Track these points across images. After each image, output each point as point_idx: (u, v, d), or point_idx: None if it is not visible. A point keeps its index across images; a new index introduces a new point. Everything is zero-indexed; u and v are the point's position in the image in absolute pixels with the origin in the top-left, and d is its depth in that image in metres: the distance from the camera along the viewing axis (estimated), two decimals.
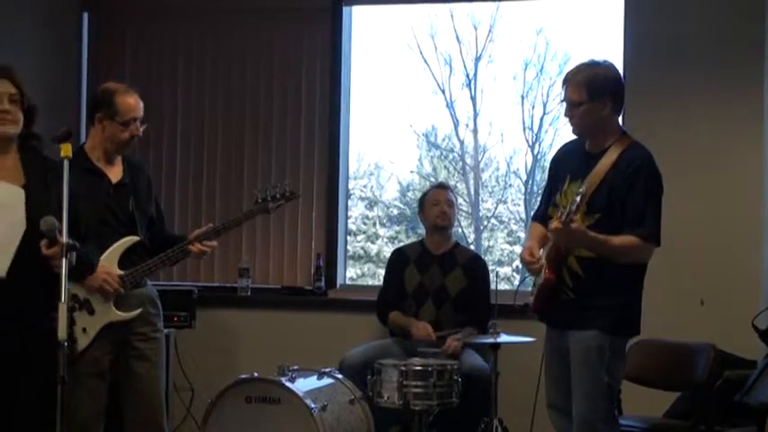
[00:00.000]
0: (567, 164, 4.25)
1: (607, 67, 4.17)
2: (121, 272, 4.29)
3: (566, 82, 4.16)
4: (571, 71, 4.17)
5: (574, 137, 4.30)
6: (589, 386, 4.06)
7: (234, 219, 4.60)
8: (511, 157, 7.86)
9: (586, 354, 4.05)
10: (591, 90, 4.07)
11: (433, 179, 7.72)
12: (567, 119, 4.19)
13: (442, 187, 6.05)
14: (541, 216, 4.35)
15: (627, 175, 4.02)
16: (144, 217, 4.44)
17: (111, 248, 4.28)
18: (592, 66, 4.13)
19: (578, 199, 3.84)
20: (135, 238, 4.34)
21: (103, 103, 4.37)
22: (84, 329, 4.22)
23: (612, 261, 4.00)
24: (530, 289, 4.40)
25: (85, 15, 6.89)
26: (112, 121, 4.34)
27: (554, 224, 3.94)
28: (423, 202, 6.00)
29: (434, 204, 5.89)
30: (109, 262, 4.26)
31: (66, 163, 3.53)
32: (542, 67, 7.54)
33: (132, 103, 4.38)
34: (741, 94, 5.82)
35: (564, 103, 4.18)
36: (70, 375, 3.28)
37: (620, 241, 3.97)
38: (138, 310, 4.34)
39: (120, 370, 4.35)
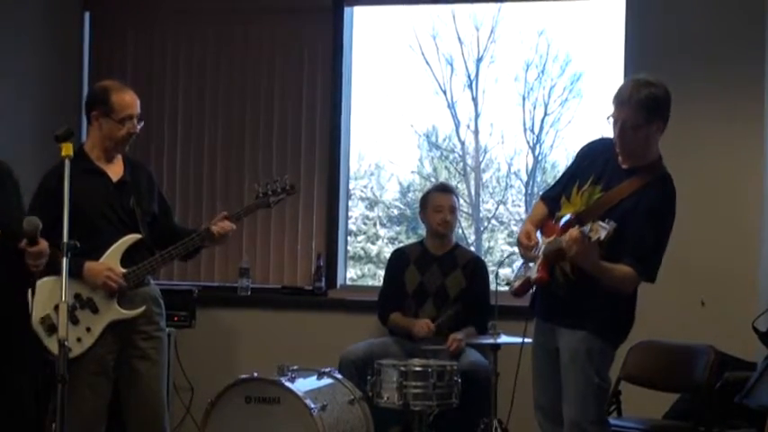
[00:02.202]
0: (597, 163, 4.15)
1: (663, 87, 4.04)
2: (124, 269, 4.29)
3: (622, 102, 3.98)
4: (627, 91, 3.98)
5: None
6: (579, 388, 4.04)
7: (235, 213, 4.58)
8: (512, 159, 7.86)
9: (575, 355, 4.03)
10: (650, 112, 3.96)
11: (433, 180, 7.71)
12: (617, 138, 4.04)
13: (445, 191, 5.97)
14: (552, 198, 4.28)
15: (647, 207, 3.97)
16: (146, 215, 4.43)
17: (113, 246, 4.28)
18: (649, 86, 3.98)
19: (603, 235, 3.74)
20: (137, 236, 4.33)
21: (99, 100, 4.35)
22: (88, 328, 4.22)
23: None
24: (515, 273, 4.38)
25: (87, 15, 6.89)
26: (108, 118, 4.31)
27: (575, 232, 3.85)
28: (425, 202, 5.96)
29: (437, 211, 5.86)
30: (111, 260, 4.27)
31: (67, 162, 3.54)
32: (544, 68, 7.53)
33: (128, 99, 4.35)
34: (742, 94, 5.81)
35: (611, 120, 4.02)
36: (71, 374, 3.30)
37: (621, 273, 3.92)
38: (142, 308, 4.33)
39: (121, 369, 4.35)
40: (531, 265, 4.16)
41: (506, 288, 5.49)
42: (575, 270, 4.03)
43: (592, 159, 4.21)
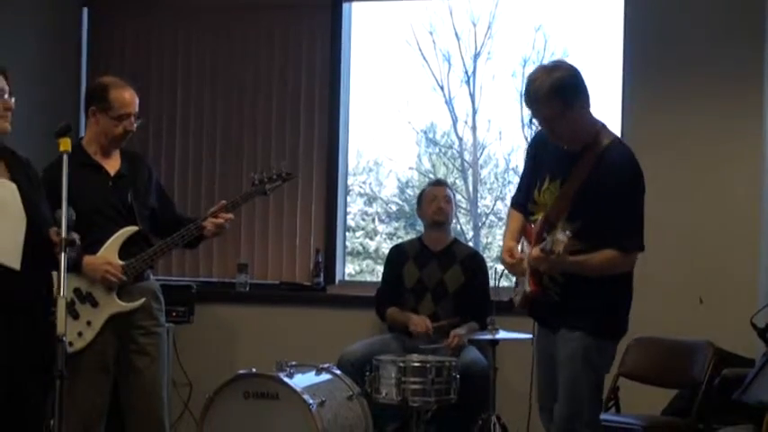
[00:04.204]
0: (547, 158, 4.05)
1: (565, 68, 3.91)
2: (122, 262, 4.28)
3: (532, 100, 3.88)
4: (531, 87, 3.85)
5: None
6: (575, 387, 3.96)
7: (233, 200, 4.56)
8: (509, 154, 7.85)
9: (572, 355, 3.96)
10: (564, 98, 3.81)
11: (431, 176, 7.72)
12: (548, 134, 3.95)
13: (439, 184, 6.09)
14: (521, 204, 4.19)
15: (606, 182, 3.84)
16: (144, 208, 4.42)
17: (110, 239, 4.27)
18: (551, 72, 3.85)
19: (561, 249, 3.67)
20: (134, 229, 4.33)
21: (97, 96, 4.35)
22: (89, 322, 4.23)
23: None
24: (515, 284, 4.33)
25: (85, 10, 6.89)
26: (105, 115, 4.32)
27: (535, 252, 3.86)
28: (421, 198, 6.03)
29: (432, 200, 5.92)
30: (109, 253, 4.27)
31: (65, 157, 3.54)
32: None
33: (126, 97, 4.34)
34: (741, 92, 5.81)
35: (535, 122, 3.95)
36: (72, 369, 3.29)
37: (600, 259, 3.85)
38: (142, 300, 4.33)
39: (120, 364, 4.34)
40: (524, 278, 4.13)
41: (504, 284, 5.52)
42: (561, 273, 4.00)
43: (540, 155, 4.11)
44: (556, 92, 3.80)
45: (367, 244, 8.29)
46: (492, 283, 5.67)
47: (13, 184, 3.56)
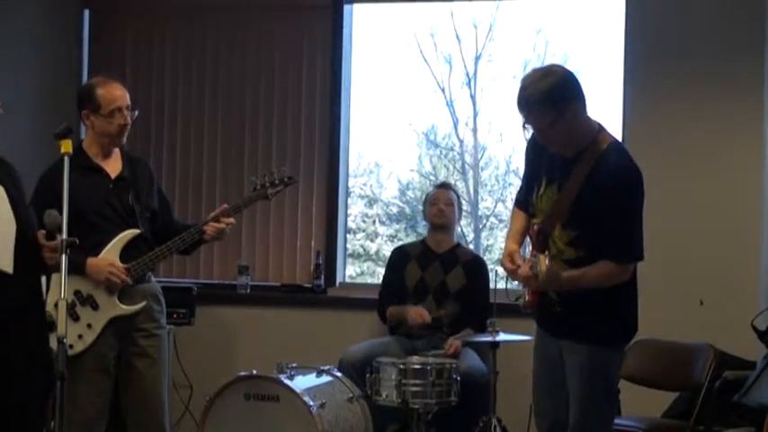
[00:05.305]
0: (544, 162, 3.91)
1: (556, 71, 3.76)
2: (125, 264, 4.28)
3: (523, 107, 3.72)
4: (523, 94, 3.69)
5: None
6: (585, 395, 3.87)
7: (234, 205, 4.55)
8: (510, 156, 7.85)
9: (581, 367, 3.86)
10: (556, 104, 3.65)
11: (432, 178, 7.73)
12: (542, 141, 3.83)
13: (442, 187, 6.12)
14: (524, 203, 4.06)
15: (602, 190, 3.72)
16: (145, 211, 4.42)
17: (112, 242, 4.27)
18: (541, 80, 3.68)
19: (542, 275, 3.63)
20: (136, 231, 4.33)
21: (85, 99, 4.34)
22: (89, 325, 4.22)
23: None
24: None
25: (86, 12, 6.89)
26: (98, 115, 4.31)
27: (524, 271, 3.75)
28: (425, 202, 6.09)
29: (433, 204, 5.96)
30: (111, 255, 4.26)
31: (66, 159, 3.54)
32: None
33: (114, 93, 4.32)
34: (742, 92, 5.82)
35: (527, 129, 3.78)
36: (72, 371, 3.30)
37: (596, 274, 3.74)
38: (143, 303, 4.33)
39: (120, 366, 4.34)
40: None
41: (504, 285, 5.51)
42: None
43: (537, 158, 3.98)
44: (547, 100, 3.66)
45: (368, 246, 8.29)
46: (493, 285, 5.66)
47: (1, 187, 3.54)
